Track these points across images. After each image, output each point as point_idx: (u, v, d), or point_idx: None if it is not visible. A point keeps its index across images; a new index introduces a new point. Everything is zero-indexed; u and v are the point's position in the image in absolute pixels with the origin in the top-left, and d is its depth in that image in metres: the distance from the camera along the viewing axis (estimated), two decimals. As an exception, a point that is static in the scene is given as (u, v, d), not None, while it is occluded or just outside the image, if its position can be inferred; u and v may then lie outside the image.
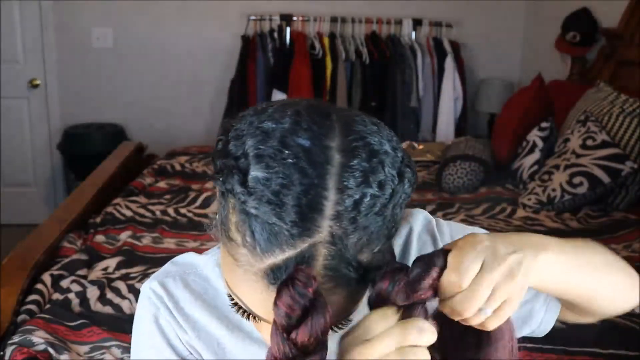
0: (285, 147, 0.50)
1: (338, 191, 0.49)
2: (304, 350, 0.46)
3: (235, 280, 0.53)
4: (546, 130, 2.72)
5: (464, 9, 3.95)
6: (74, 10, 3.77)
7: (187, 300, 0.69)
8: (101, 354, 1.47)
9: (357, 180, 0.50)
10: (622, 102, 2.52)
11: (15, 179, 3.90)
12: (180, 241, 2.14)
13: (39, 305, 1.66)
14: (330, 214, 0.49)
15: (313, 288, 0.47)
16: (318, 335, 0.46)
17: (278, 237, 0.49)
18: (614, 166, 2.35)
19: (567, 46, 3.27)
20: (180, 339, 0.68)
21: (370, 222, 0.50)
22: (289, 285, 0.47)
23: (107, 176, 2.57)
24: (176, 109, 3.97)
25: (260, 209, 0.49)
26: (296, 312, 0.46)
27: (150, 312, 0.69)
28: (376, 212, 0.51)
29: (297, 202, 0.48)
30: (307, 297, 0.46)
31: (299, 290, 0.46)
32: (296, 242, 0.49)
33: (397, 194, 0.53)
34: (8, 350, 1.44)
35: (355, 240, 0.50)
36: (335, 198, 0.49)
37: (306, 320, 0.46)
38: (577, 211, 2.42)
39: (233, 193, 0.50)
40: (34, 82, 3.83)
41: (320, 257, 0.49)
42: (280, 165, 0.49)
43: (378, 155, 0.52)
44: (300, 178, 0.49)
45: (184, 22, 3.84)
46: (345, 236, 0.49)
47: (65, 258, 1.90)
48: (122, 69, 3.89)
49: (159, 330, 0.68)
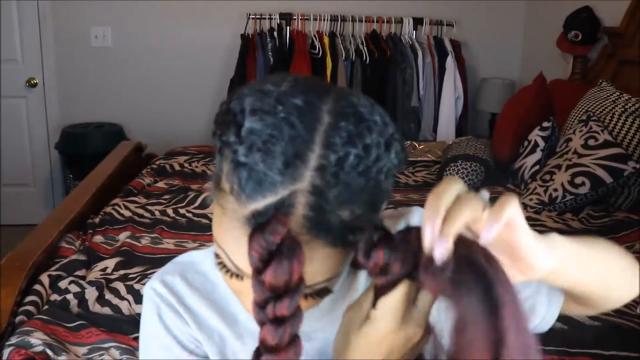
0: (280, 104, 0.53)
1: (324, 146, 0.51)
2: (275, 292, 0.49)
3: (222, 232, 0.55)
4: (548, 130, 2.71)
5: (464, 7, 3.94)
6: (73, 9, 3.76)
7: (188, 294, 0.71)
8: (100, 355, 1.46)
9: (343, 140, 0.52)
10: (624, 101, 2.50)
11: (14, 179, 3.89)
12: (180, 241, 2.12)
13: (37, 306, 1.65)
14: (313, 166, 0.51)
15: (282, 234, 0.49)
16: (287, 279, 0.48)
17: (262, 184, 0.51)
18: (616, 166, 2.34)
19: (569, 45, 3.26)
20: (185, 333, 0.70)
21: (352, 180, 0.52)
22: (261, 228, 0.49)
23: (106, 176, 2.56)
24: (175, 108, 3.95)
25: (249, 157, 0.51)
26: (263, 255, 0.49)
27: (154, 312, 0.71)
28: (359, 172, 0.52)
29: (284, 151, 0.51)
30: (274, 242, 0.48)
31: (267, 234, 0.49)
32: (278, 189, 0.51)
33: (382, 160, 0.54)
34: (6, 351, 1.43)
35: (335, 194, 0.51)
36: (320, 152, 0.51)
37: (273, 262, 0.48)
38: (578, 211, 2.40)
39: (227, 144, 0.53)
40: (32, 81, 3.81)
41: (300, 205, 0.51)
42: (272, 119, 0.52)
43: (366, 122, 0.54)
44: (289, 131, 0.52)
45: (183, 21, 3.83)
46: (327, 189, 0.51)
47: (64, 258, 1.89)
48: (121, 68, 3.87)
49: (164, 328, 0.70)
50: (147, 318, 0.72)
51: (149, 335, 0.72)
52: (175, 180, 2.77)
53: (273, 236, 0.49)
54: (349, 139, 0.52)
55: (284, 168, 0.51)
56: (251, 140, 0.52)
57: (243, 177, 0.52)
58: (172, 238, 2.15)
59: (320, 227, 0.52)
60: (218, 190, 0.56)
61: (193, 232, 2.20)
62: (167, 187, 2.69)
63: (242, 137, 0.52)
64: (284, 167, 0.51)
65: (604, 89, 2.67)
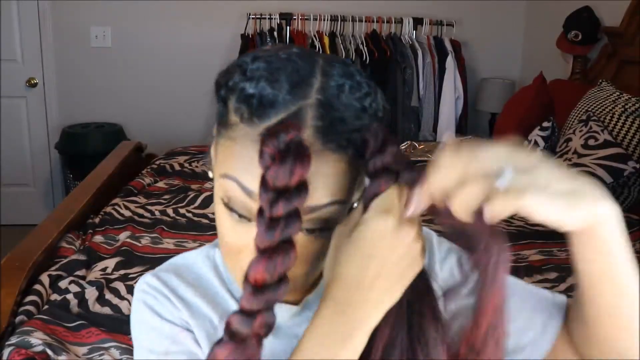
0: (280, 51, 0.60)
1: (323, 75, 0.58)
2: (285, 192, 0.51)
3: (233, 161, 0.58)
4: (548, 130, 2.71)
5: (464, 7, 3.94)
6: (73, 9, 3.76)
7: (181, 287, 0.72)
8: (100, 355, 1.46)
9: (339, 73, 0.58)
10: (624, 101, 2.50)
11: (14, 179, 3.89)
12: (179, 241, 2.12)
13: (37, 306, 1.65)
14: (317, 88, 0.57)
15: (293, 135, 0.52)
16: (288, 178, 0.51)
17: (272, 104, 0.56)
18: (616, 166, 2.34)
19: (569, 45, 3.26)
20: (177, 317, 0.70)
21: (351, 103, 0.57)
22: (274, 131, 0.53)
23: (106, 176, 2.56)
24: (175, 108, 3.95)
25: (257, 87, 0.56)
26: (275, 154, 0.52)
27: (144, 302, 0.71)
28: (356, 98, 0.58)
29: (289, 79, 0.57)
30: (284, 142, 0.52)
31: (279, 134, 0.52)
32: (288, 105, 0.55)
33: (372, 96, 0.59)
34: (6, 351, 1.43)
35: (339, 108, 0.56)
36: (321, 79, 0.57)
37: (278, 159, 0.51)
38: (579, 211, 2.40)
39: (234, 85, 0.58)
40: (32, 81, 3.81)
41: (309, 118, 0.55)
42: (275, 60, 0.58)
43: (353, 67, 0.61)
44: (291, 65, 0.58)
45: (183, 21, 3.83)
46: (331, 103, 0.56)
47: (64, 258, 1.89)
48: (121, 68, 3.87)
49: (154, 313, 0.70)
50: (137, 308, 0.72)
51: (138, 323, 0.71)
52: (175, 180, 2.77)
53: (284, 134, 0.52)
54: (343, 74, 0.59)
55: (291, 88, 0.56)
56: (257, 74, 0.57)
57: (254, 104, 0.56)
58: (172, 238, 2.15)
59: (328, 135, 0.56)
60: (225, 128, 0.59)
61: (193, 232, 2.20)
62: (167, 187, 2.68)
63: (247, 76, 0.57)
64: (291, 88, 0.56)
65: (604, 89, 2.67)
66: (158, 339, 0.69)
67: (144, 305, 0.71)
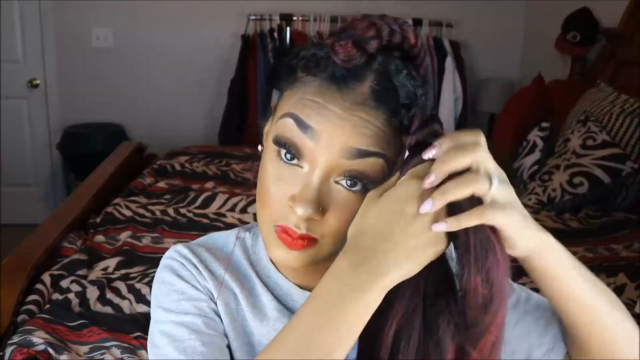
0: None
1: (384, 57, 0.63)
2: (348, 60, 0.61)
3: (293, 103, 0.63)
4: (546, 130, 2.72)
5: (464, 8, 3.95)
6: (74, 10, 3.77)
7: (210, 259, 0.74)
8: (101, 354, 1.47)
9: (397, 63, 0.64)
10: (622, 102, 2.51)
11: (15, 179, 3.90)
12: (180, 241, 2.12)
13: (38, 305, 1.66)
14: (379, 61, 0.63)
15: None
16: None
17: (345, 59, 0.62)
18: (614, 166, 2.35)
19: (567, 46, 3.27)
20: (201, 284, 0.71)
21: (405, 84, 0.62)
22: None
23: (107, 176, 2.57)
24: (176, 108, 3.96)
25: (324, 50, 0.63)
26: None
27: (170, 268, 0.72)
28: (410, 83, 0.63)
29: (357, 56, 0.62)
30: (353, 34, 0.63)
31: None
32: (357, 60, 0.62)
33: (424, 89, 0.65)
34: (8, 350, 1.44)
35: (393, 85, 0.62)
36: (382, 59, 0.63)
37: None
38: (577, 211, 2.41)
39: (305, 54, 0.65)
40: (33, 82, 3.82)
41: (368, 79, 0.61)
42: None
43: (411, 67, 0.66)
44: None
45: (184, 22, 3.84)
46: (388, 77, 0.62)
47: (65, 258, 1.90)
48: (122, 69, 3.88)
49: (177, 276, 0.71)
50: (162, 271, 0.72)
51: (162, 285, 0.71)
52: (176, 180, 2.78)
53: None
54: (402, 65, 0.64)
55: (360, 56, 0.61)
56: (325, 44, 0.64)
57: (320, 60, 0.63)
58: (172, 238, 2.16)
59: (382, 97, 0.61)
60: (289, 84, 0.65)
61: (194, 231, 2.21)
62: (167, 187, 2.70)
63: (318, 46, 0.66)
64: (360, 55, 0.61)
65: (602, 90, 2.68)
66: (179, 300, 0.69)
67: (170, 269, 0.72)
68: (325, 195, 0.61)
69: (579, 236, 2.20)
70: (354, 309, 0.55)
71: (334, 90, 0.61)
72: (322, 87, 0.61)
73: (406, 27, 0.64)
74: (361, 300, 0.55)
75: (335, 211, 0.62)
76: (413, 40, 0.64)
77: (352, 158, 0.60)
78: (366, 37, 0.61)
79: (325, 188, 0.61)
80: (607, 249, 2.09)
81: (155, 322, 0.70)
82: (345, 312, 0.55)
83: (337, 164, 0.60)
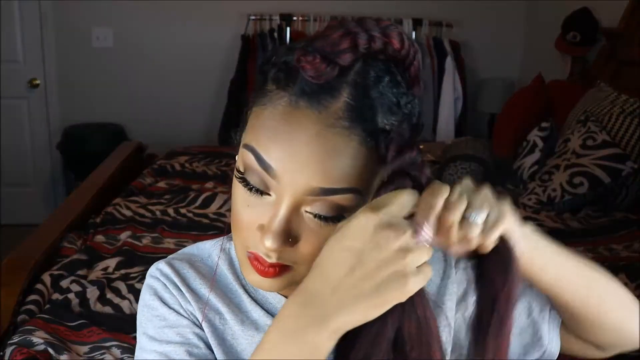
0: None
1: (364, 64, 0.57)
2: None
3: (256, 132, 0.58)
4: (546, 130, 2.72)
5: (464, 8, 3.95)
6: (74, 10, 3.77)
7: (193, 278, 0.72)
8: (101, 354, 1.47)
9: (378, 67, 0.58)
10: (622, 102, 2.51)
11: (15, 179, 3.90)
12: (180, 241, 2.13)
13: (38, 305, 1.66)
14: (356, 70, 0.57)
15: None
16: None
17: (317, 71, 0.56)
18: (614, 166, 2.35)
19: (567, 46, 3.27)
20: (184, 308, 0.70)
21: (386, 94, 0.57)
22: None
23: (107, 176, 2.57)
24: (176, 108, 3.97)
25: (301, 62, 0.56)
26: None
27: (152, 289, 0.71)
28: (392, 92, 0.58)
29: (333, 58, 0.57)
30: None
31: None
32: (329, 75, 0.56)
33: (409, 97, 0.60)
34: (8, 350, 1.44)
35: (371, 101, 0.56)
36: (361, 65, 0.57)
37: None
38: (577, 211, 2.41)
39: (277, 60, 0.59)
40: (33, 82, 3.83)
41: (344, 93, 0.56)
42: None
43: (396, 70, 0.60)
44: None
45: (184, 22, 3.84)
46: (365, 90, 0.56)
47: (65, 258, 1.90)
48: (122, 69, 3.89)
49: (159, 299, 0.70)
50: (145, 293, 0.71)
51: (144, 307, 0.71)
52: (176, 180, 2.78)
53: None
54: (385, 69, 0.58)
55: (331, 70, 0.56)
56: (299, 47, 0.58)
57: (291, 71, 0.57)
58: (172, 238, 2.16)
59: (357, 116, 0.55)
60: (259, 96, 0.59)
61: (194, 231, 2.21)
62: (167, 187, 2.70)
63: (290, 49, 0.59)
64: (331, 69, 0.56)
65: (602, 90, 2.68)
66: (162, 327, 0.68)
67: (151, 291, 0.71)
68: (295, 225, 0.57)
69: (579, 236, 2.20)
70: (299, 352, 0.51)
71: (303, 108, 0.55)
72: (291, 106, 0.56)
73: (390, 31, 0.58)
74: (306, 345, 0.51)
75: (308, 239, 0.58)
76: (397, 45, 0.58)
77: (318, 195, 0.55)
78: (337, 51, 0.55)
79: (296, 218, 0.57)
80: (607, 249, 2.09)
81: (139, 348, 0.69)
82: (290, 355, 0.52)
83: (303, 199, 0.56)
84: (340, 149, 0.55)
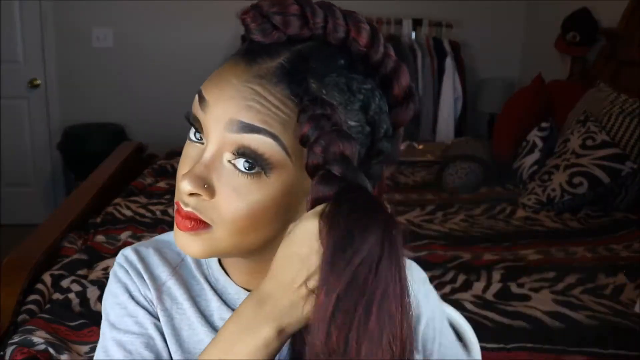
0: None
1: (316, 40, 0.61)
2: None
3: (211, 79, 0.61)
4: (546, 130, 2.73)
5: (464, 9, 3.95)
6: (75, 10, 3.78)
7: (157, 265, 0.72)
8: (101, 354, 1.47)
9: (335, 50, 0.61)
10: (622, 102, 2.52)
11: (15, 179, 3.90)
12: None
13: (39, 305, 1.66)
14: (308, 45, 0.60)
15: None
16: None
17: (263, 31, 0.60)
18: (613, 166, 2.35)
19: (567, 46, 3.28)
20: (143, 295, 0.70)
21: (334, 70, 0.59)
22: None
23: (107, 176, 2.57)
24: (176, 108, 3.93)
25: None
26: None
27: (116, 276, 0.72)
28: (343, 69, 0.59)
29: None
30: None
31: None
32: (273, 35, 0.59)
33: (364, 92, 0.60)
34: (8, 350, 1.44)
35: (311, 67, 0.58)
36: (313, 43, 0.60)
37: None
38: (577, 211, 2.42)
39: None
40: (34, 82, 3.83)
41: (282, 57, 0.58)
42: None
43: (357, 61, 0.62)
44: None
45: (184, 22, 3.85)
46: (305, 59, 0.58)
47: (66, 258, 1.90)
48: (122, 69, 3.89)
49: (122, 286, 0.71)
50: (111, 280, 0.72)
51: (108, 293, 0.71)
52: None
53: None
54: (338, 54, 0.60)
55: (273, 31, 0.59)
56: None
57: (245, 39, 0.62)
58: (172, 238, 2.16)
59: (287, 76, 0.57)
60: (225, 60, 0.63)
61: (194, 231, 2.21)
62: (167, 187, 2.70)
63: None
64: (273, 31, 0.59)
65: (602, 90, 2.68)
66: (122, 315, 0.69)
67: (115, 277, 0.72)
68: (216, 173, 0.59)
69: (579, 236, 2.21)
70: (247, 350, 0.54)
71: (240, 63, 0.59)
72: (233, 60, 0.60)
73: (360, 27, 0.59)
74: (258, 340, 0.54)
75: (226, 194, 0.58)
76: (365, 41, 0.59)
77: (237, 132, 0.57)
78: (281, 13, 0.58)
79: (217, 166, 0.59)
80: (607, 249, 2.09)
81: (102, 334, 0.70)
82: (240, 352, 0.54)
83: (224, 137, 0.58)
84: (265, 95, 0.57)
